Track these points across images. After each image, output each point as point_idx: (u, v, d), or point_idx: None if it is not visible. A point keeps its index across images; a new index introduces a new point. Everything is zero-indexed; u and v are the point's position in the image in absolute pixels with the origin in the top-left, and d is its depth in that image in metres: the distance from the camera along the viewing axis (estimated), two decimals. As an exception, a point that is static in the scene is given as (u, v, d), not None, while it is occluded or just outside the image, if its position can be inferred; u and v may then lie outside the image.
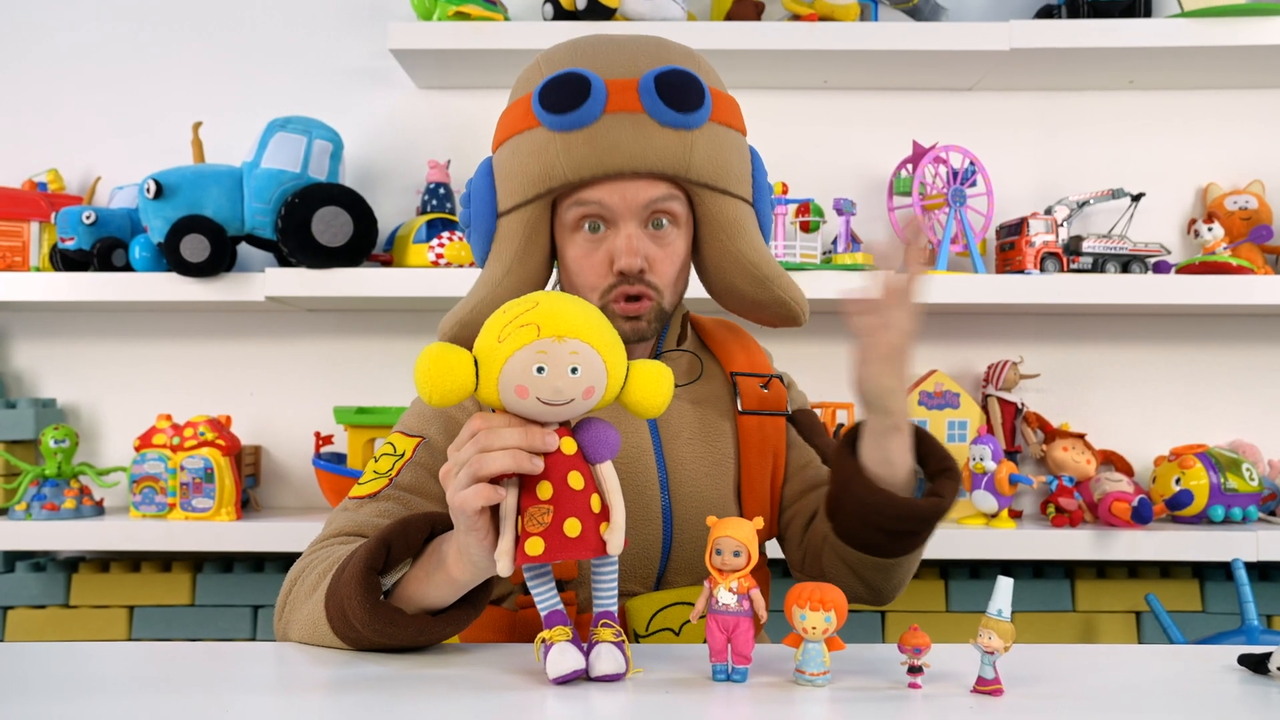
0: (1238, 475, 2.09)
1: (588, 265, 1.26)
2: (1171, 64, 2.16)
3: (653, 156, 1.21)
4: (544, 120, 1.22)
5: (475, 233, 1.30)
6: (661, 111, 1.20)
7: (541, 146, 1.22)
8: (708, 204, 1.26)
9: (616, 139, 1.20)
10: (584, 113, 1.20)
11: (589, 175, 1.21)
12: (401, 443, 1.27)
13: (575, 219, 1.25)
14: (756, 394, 1.37)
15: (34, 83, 2.31)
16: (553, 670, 0.97)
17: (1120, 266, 2.14)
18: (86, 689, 0.99)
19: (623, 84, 1.22)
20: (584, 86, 1.21)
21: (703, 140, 1.23)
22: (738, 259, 1.28)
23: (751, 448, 1.35)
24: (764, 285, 1.29)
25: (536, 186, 1.23)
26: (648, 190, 1.23)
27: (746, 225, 1.29)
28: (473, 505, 0.95)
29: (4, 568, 2.19)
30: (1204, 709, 0.95)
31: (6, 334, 2.32)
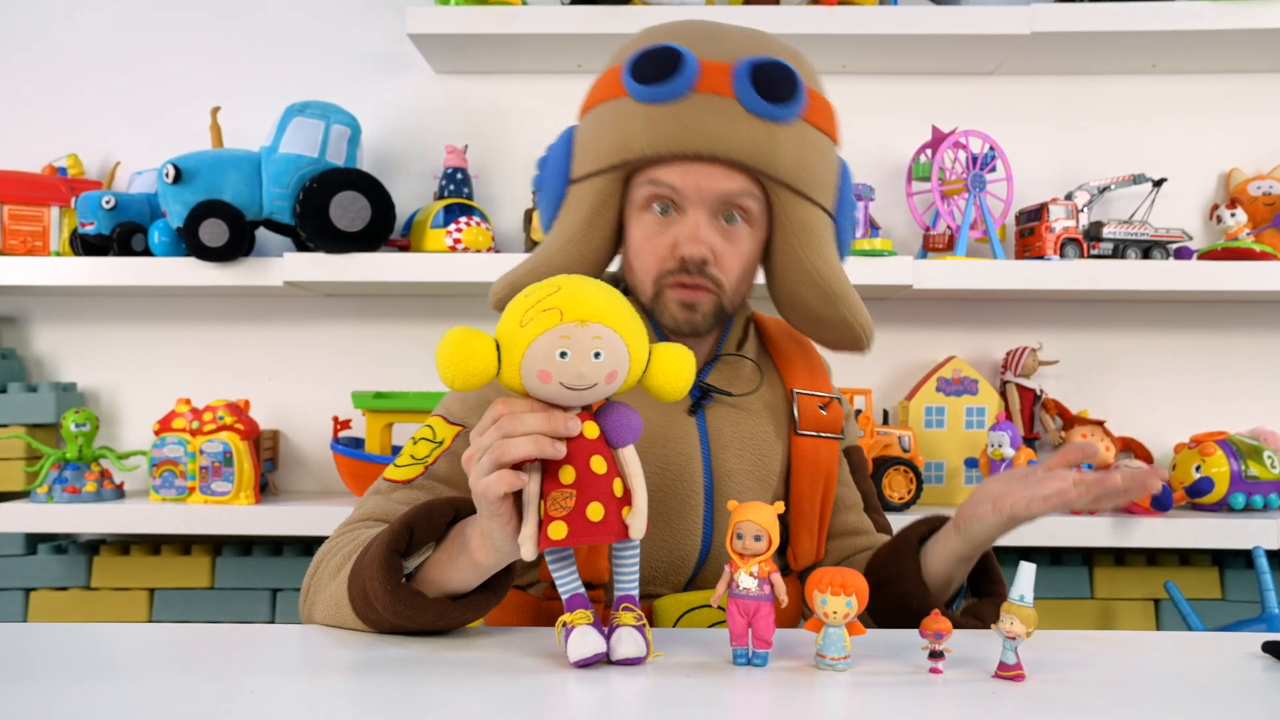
0: (1259, 463, 2.07)
1: (649, 248, 1.23)
2: (1194, 48, 2.14)
3: (736, 145, 1.17)
4: (631, 90, 1.19)
5: (544, 197, 1.27)
6: (752, 99, 1.16)
7: (624, 117, 1.19)
8: (785, 206, 1.22)
9: (701, 120, 1.17)
10: (672, 87, 1.17)
11: (666, 153, 1.18)
12: (442, 429, 1.22)
13: (645, 198, 1.21)
14: (815, 415, 1.33)
15: (54, 68, 2.32)
16: (574, 653, 0.97)
17: (1141, 252, 2.12)
18: (109, 670, 0.99)
19: (717, 66, 1.18)
20: (675, 61, 1.18)
21: (790, 137, 1.19)
22: (807, 270, 1.23)
23: (803, 470, 1.31)
24: (830, 302, 1.25)
25: (611, 157, 1.20)
26: (724, 181, 1.19)
27: (822, 235, 1.24)
28: (495, 491, 0.95)
29: (26, 550, 2.20)
30: (1229, 696, 0.95)
31: (27, 318, 2.33)
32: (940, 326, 2.29)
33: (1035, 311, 2.29)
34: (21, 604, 2.17)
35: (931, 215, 2.17)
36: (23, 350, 2.32)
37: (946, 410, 2.15)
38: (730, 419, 1.29)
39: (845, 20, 2.06)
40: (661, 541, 1.24)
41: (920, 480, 2.04)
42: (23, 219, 2.14)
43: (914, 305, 2.28)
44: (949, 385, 2.16)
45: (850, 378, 2.24)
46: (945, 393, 2.16)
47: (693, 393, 1.28)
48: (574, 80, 2.27)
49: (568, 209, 1.25)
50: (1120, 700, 0.92)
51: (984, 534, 1.19)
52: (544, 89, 2.30)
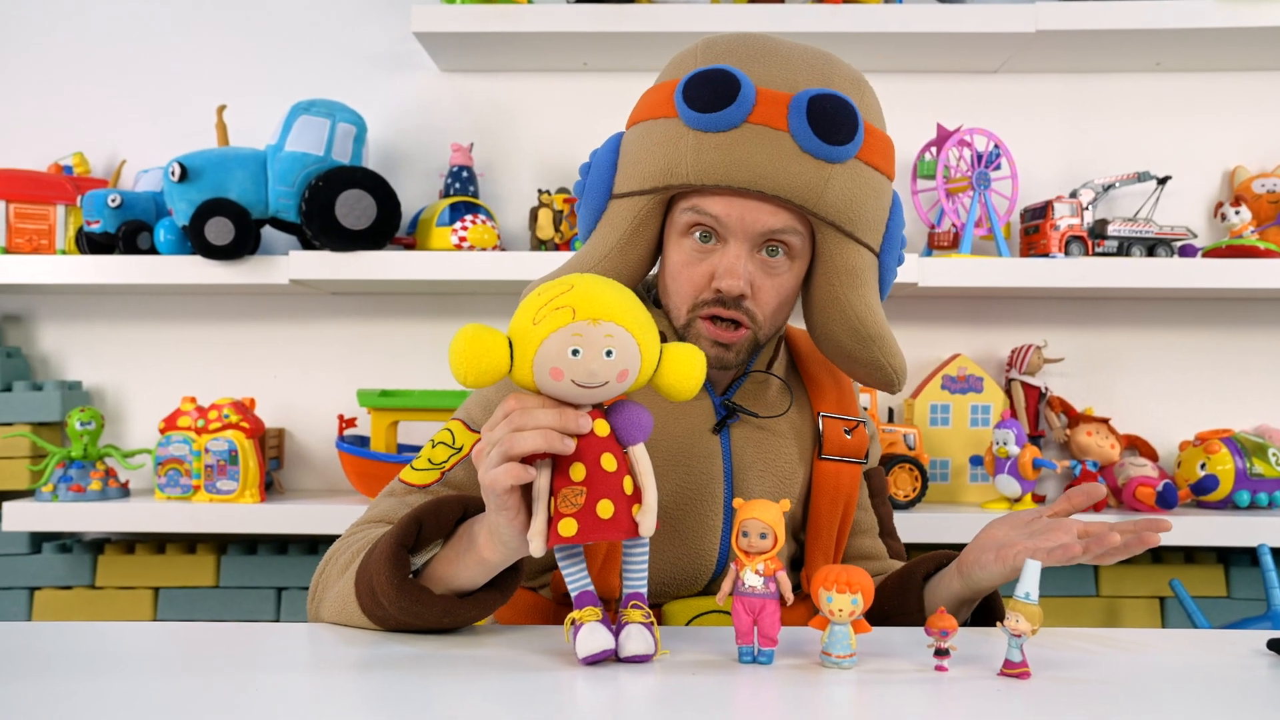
0: (1264, 460, 2.07)
1: (687, 275, 1.20)
2: (1199, 46, 2.14)
3: (784, 182, 1.13)
4: (682, 113, 1.15)
5: (585, 206, 1.25)
6: (806, 136, 1.13)
7: (673, 140, 1.16)
8: (830, 246, 1.19)
9: (751, 153, 1.13)
10: (725, 117, 1.13)
11: (712, 183, 1.14)
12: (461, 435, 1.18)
13: (687, 224, 1.19)
14: (839, 439, 1.31)
15: (59, 66, 2.32)
16: (582, 650, 0.97)
17: (1146, 250, 2.12)
18: (114, 668, 1.00)
19: (774, 96, 1.14)
20: (733, 89, 1.14)
21: (842, 176, 1.15)
22: (844, 310, 1.21)
23: (824, 494, 1.30)
24: (865, 344, 1.23)
25: (656, 180, 1.17)
26: (770, 217, 1.16)
27: (865, 277, 1.22)
28: (502, 484, 0.95)
29: (31, 549, 2.20)
30: (1234, 693, 0.95)
31: (33, 317, 2.33)
32: (945, 324, 2.29)
33: (1040, 309, 2.29)
34: (26, 603, 2.18)
35: (936, 213, 2.17)
36: (28, 349, 2.32)
37: (952, 408, 2.15)
38: (754, 440, 1.28)
39: (849, 18, 2.06)
40: (677, 557, 1.24)
41: (925, 478, 2.04)
42: (28, 217, 2.15)
43: (919, 303, 2.28)
44: (954, 383, 2.16)
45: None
46: (950, 390, 2.16)
47: (719, 411, 1.28)
48: (580, 79, 2.29)
49: (607, 223, 1.22)
50: (1125, 698, 0.92)
51: (986, 581, 1.17)
52: (550, 87, 2.30)
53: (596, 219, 1.24)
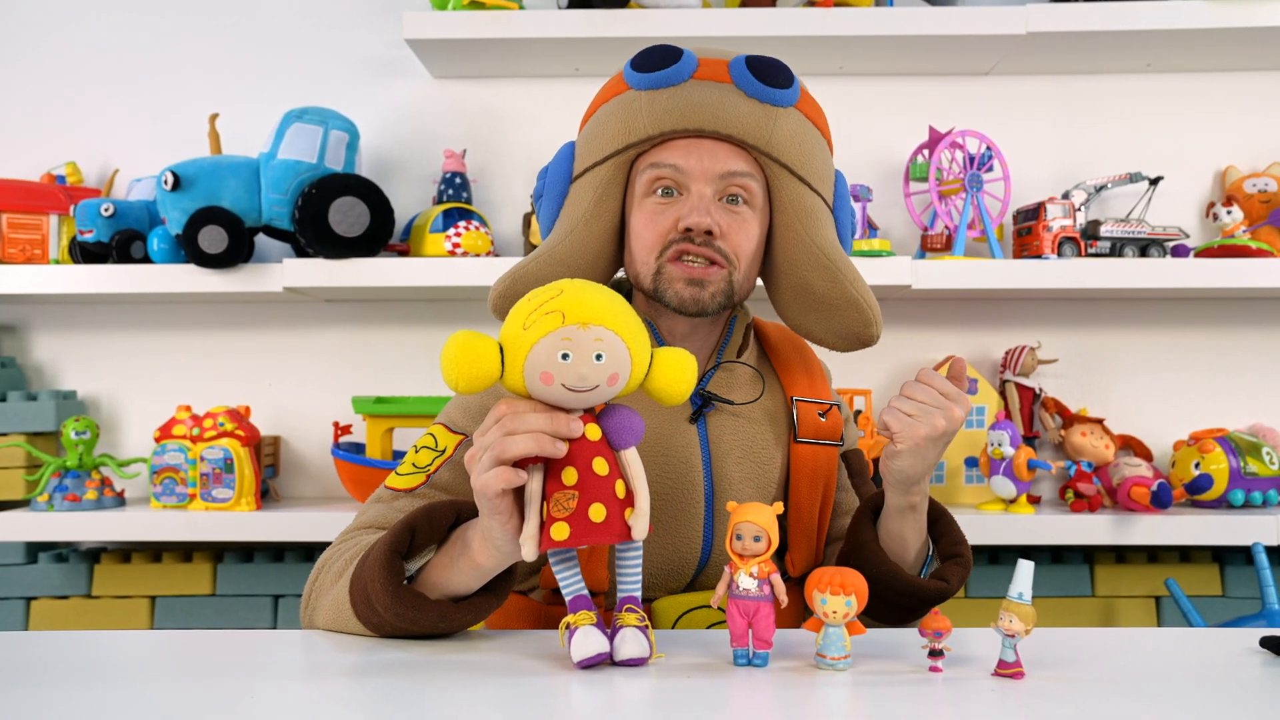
0: (1258, 459, 2.08)
1: (652, 226, 1.23)
2: (1189, 46, 2.15)
3: (735, 120, 1.20)
4: (631, 81, 1.23)
5: (546, 199, 1.28)
6: (749, 83, 1.20)
7: (625, 105, 1.22)
8: (785, 188, 1.23)
9: (702, 98, 1.20)
10: (672, 73, 1.21)
11: (669, 129, 1.20)
12: (444, 438, 1.21)
13: (649, 181, 1.23)
14: (814, 422, 1.33)
15: (51, 76, 2.32)
16: (577, 654, 0.97)
17: (1138, 250, 2.13)
18: (111, 677, 1.00)
19: (714, 60, 1.23)
20: (676, 52, 1.22)
21: (787, 120, 1.22)
22: (811, 249, 1.24)
23: (802, 477, 1.31)
24: (837, 280, 1.24)
25: (615, 143, 1.23)
26: (726, 159, 1.21)
27: (824, 219, 1.26)
28: (493, 488, 0.95)
29: (27, 559, 2.20)
30: (1226, 691, 0.95)
31: (27, 327, 2.33)
32: (939, 326, 2.29)
33: (1033, 310, 2.30)
34: (22, 613, 2.18)
35: (929, 215, 2.18)
36: (22, 359, 2.32)
37: (946, 410, 2.15)
38: (731, 427, 1.29)
39: (841, 22, 2.06)
40: (661, 548, 1.24)
41: (920, 480, 2.04)
42: (22, 227, 2.15)
43: (913, 305, 2.28)
44: (948, 385, 2.16)
45: (851, 378, 2.25)
46: (944, 392, 2.16)
47: (694, 400, 1.28)
48: (572, 84, 2.29)
49: (570, 203, 1.26)
50: (1119, 696, 0.92)
51: (897, 472, 1.20)
52: (542, 93, 2.30)
53: (560, 204, 1.27)
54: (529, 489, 0.97)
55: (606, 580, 1.22)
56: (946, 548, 1.27)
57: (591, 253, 1.25)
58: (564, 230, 1.25)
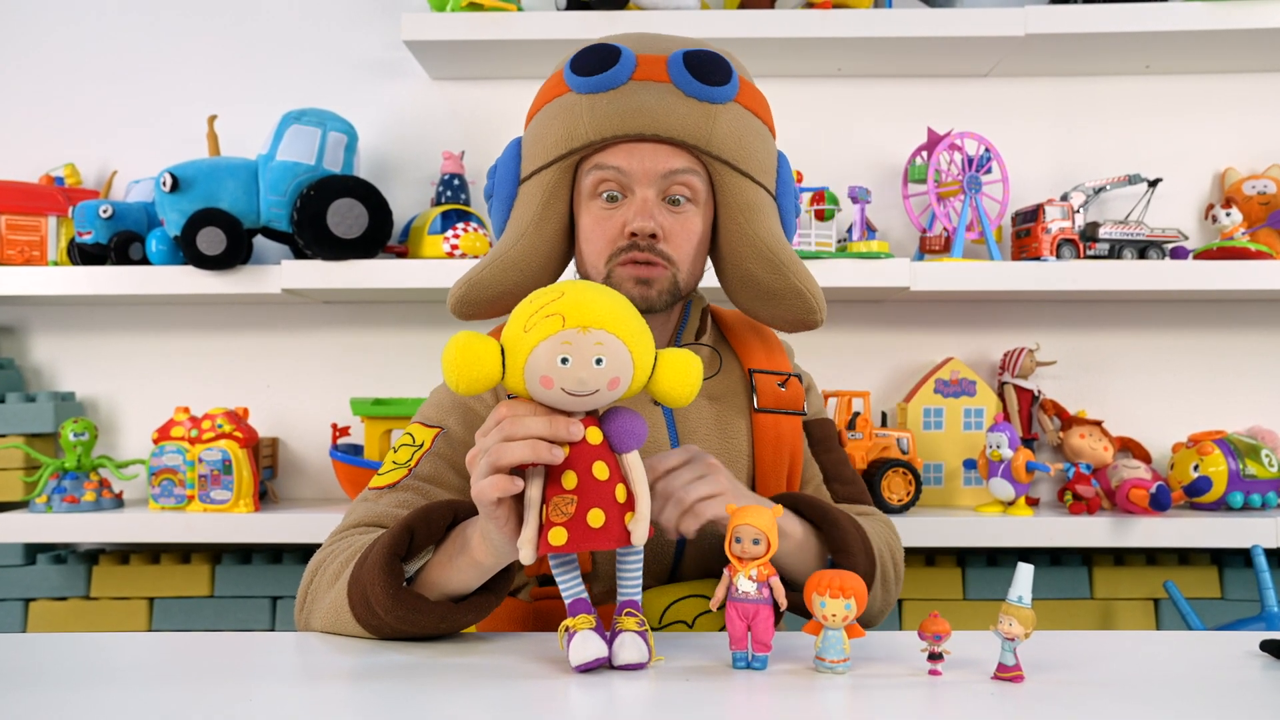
0: (1256, 461, 2.08)
1: (600, 232, 1.25)
2: (1188, 48, 2.15)
3: (675, 123, 1.21)
4: (571, 84, 1.24)
5: (496, 200, 1.30)
6: (687, 81, 1.22)
7: (567, 109, 1.24)
8: (727, 183, 1.26)
9: (641, 102, 1.21)
10: (611, 76, 1.22)
11: (610, 135, 1.22)
12: (420, 433, 1.25)
13: (593, 184, 1.25)
14: (773, 392, 1.35)
15: (49, 78, 2.32)
16: (575, 658, 0.97)
17: (1137, 252, 2.13)
18: (109, 678, 1.00)
19: (652, 58, 1.24)
20: (614, 53, 1.24)
21: (726, 116, 1.23)
22: (754, 242, 1.26)
23: (766, 446, 1.34)
24: (780, 272, 1.27)
25: (559, 148, 1.24)
26: (668, 159, 1.23)
27: (767, 211, 1.28)
28: (488, 496, 0.95)
29: (25, 560, 2.20)
30: (1226, 695, 0.95)
31: (25, 328, 2.33)
32: (938, 328, 2.29)
33: (1032, 312, 2.29)
34: (21, 614, 2.17)
35: (928, 217, 2.18)
36: (21, 360, 2.32)
37: (945, 412, 2.16)
38: (695, 406, 1.32)
39: (840, 23, 2.06)
40: None
41: (919, 482, 2.04)
42: (20, 229, 2.14)
43: (911, 307, 2.28)
44: (947, 387, 2.16)
45: (848, 380, 2.25)
46: (943, 394, 2.16)
47: None
48: (570, 86, 2.28)
49: (519, 206, 1.28)
50: (1119, 700, 0.92)
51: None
52: (540, 95, 2.30)
53: (509, 206, 1.29)
54: (528, 494, 0.97)
55: (591, 562, 1.24)
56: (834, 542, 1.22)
57: (542, 255, 1.27)
58: (515, 234, 1.27)
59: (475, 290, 1.27)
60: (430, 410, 1.32)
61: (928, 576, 2.14)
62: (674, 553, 1.27)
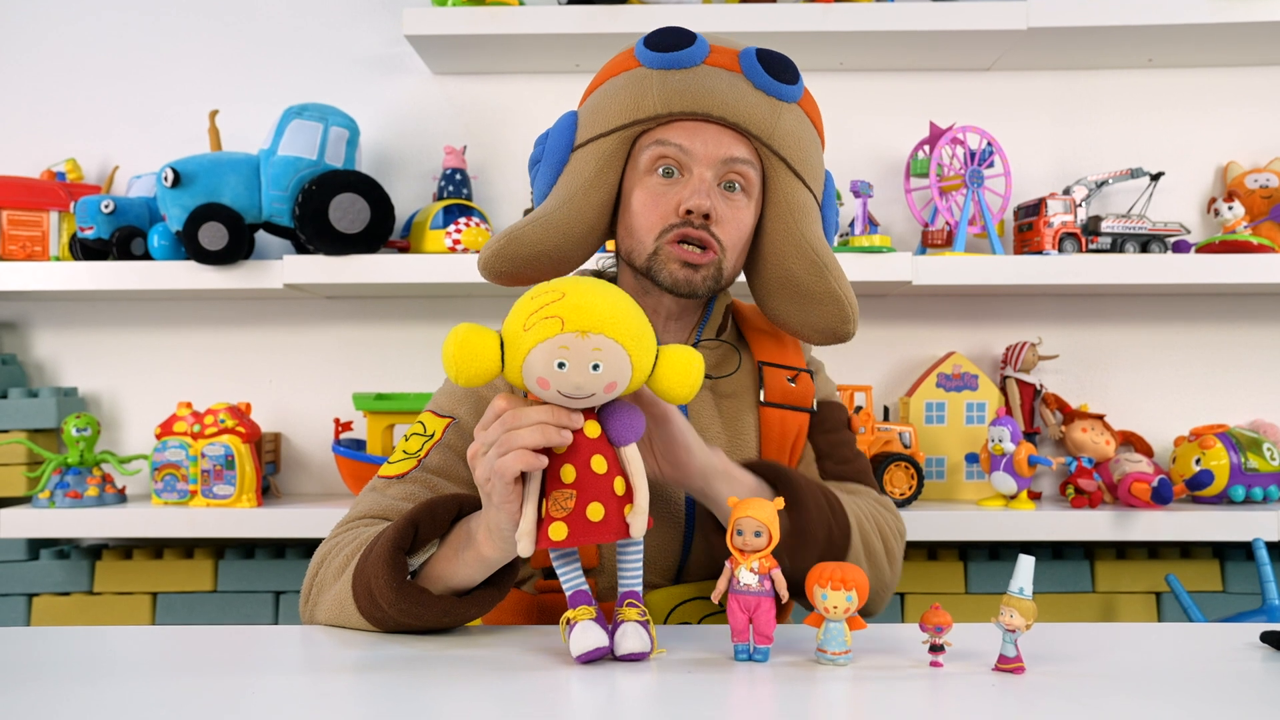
0: (1258, 455, 2.08)
1: (653, 207, 1.25)
2: (1191, 41, 2.15)
3: (743, 111, 1.22)
4: (644, 59, 1.25)
5: (545, 166, 1.29)
6: (758, 74, 1.23)
7: (636, 82, 1.24)
8: (782, 182, 1.26)
9: (712, 84, 1.22)
10: (685, 55, 1.23)
11: (678, 110, 1.22)
12: (432, 423, 1.26)
13: (651, 159, 1.24)
14: (782, 386, 1.34)
15: (51, 73, 2.32)
16: (576, 647, 0.97)
17: (1139, 246, 2.13)
18: (112, 673, 1.00)
19: (725, 49, 1.25)
20: (690, 35, 1.25)
21: (790, 116, 1.25)
22: (799, 242, 1.26)
23: (771, 441, 1.33)
24: (822, 275, 1.26)
25: (622, 117, 1.24)
26: (730, 145, 1.24)
27: (814, 215, 1.29)
28: (512, 470, 0.95)
29: (28, 555, 2.20)
30: (1226, 686, 0.95)
31: (27, 324, 2.33)
32: (940, 322, 2.29)
33: (1034, 306, 2.29)
34: (24, 609, 2.18)
35: (930, 211, 2.18)
36: (23, 355, 2.32)
37: (947, 406, 2.16)
38: (709, 402, 1.32)
39: (842, 17, 2.06)
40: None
41: (921, 476, 2.05)
42: (22, 224, 2.15)
43: (913, 301, 2.28)
44: (949, 381, 2.16)
45: (851, 374, 2.25)
46: (945, 388, 2.16)
47: None
48: (572, 80, 2.29)
49: (570, 172, 1.27)
50: (1119, 691, 0.92)
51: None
52: (542, 89, 2.30)
53: (558, 172, 1.28)
54: (526, 486, 0.97)
55: (597, 556, 1.23)
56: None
57: (588, 222, 1.26)
58: (563, 197, 1.26)
59: (514, 245, 1.24)
60: (443, 399, 1.31)
61: (930, 570, 2.14)
62: (680, 552, 1.27)
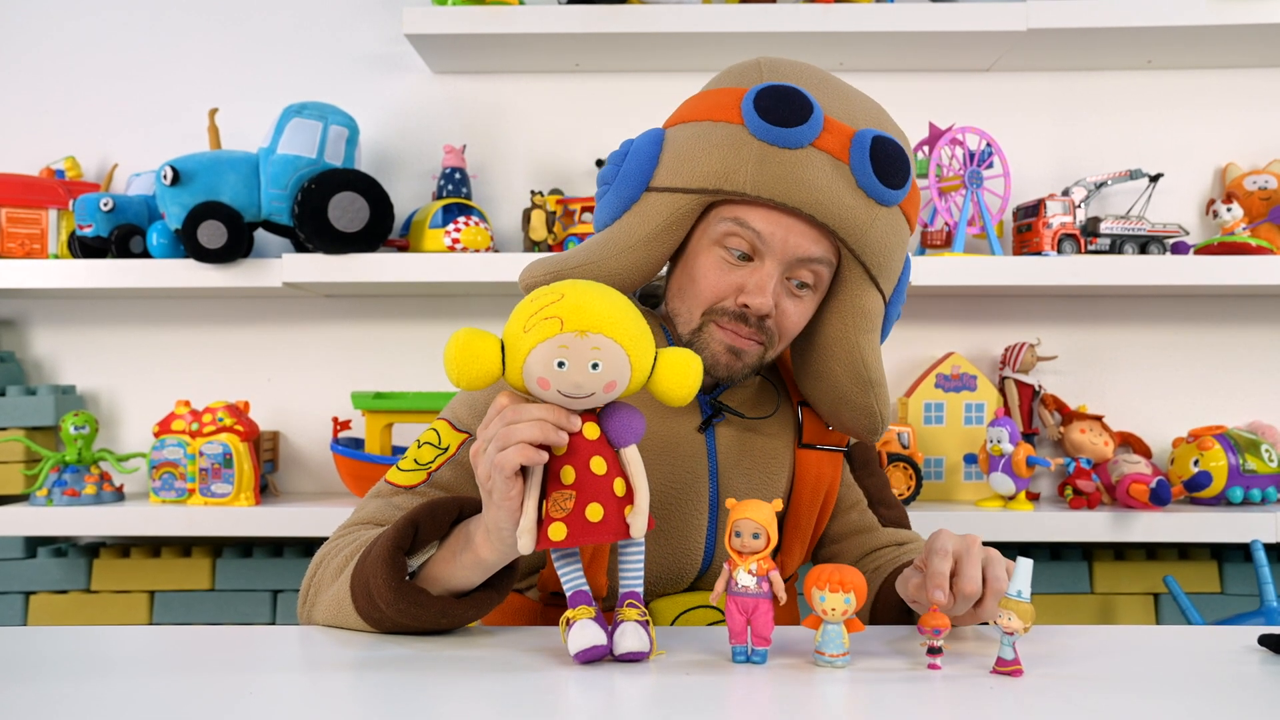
0: (1256, 456, 2.08)
1: (713, 282, 1.19)
2: (1190, 43, 2.15)
3: (836, 212, 1.14)
4: (750, 122, 1.15)
5: (614, 192, 1.22)
6: (865, 174, 1.15)
7: (735, 146, 1.15)
8: (853, 285, 1.20)
9: (813, 177, 1.13)
10: (795, 134, 1.14)
11: (768, 197, 1.14)
12: (448, 435, 1.22)
13: (724, 233, 1.18)
14: (819, 428, 1.32)
15: (51, 71, 2.32)
16: (574, 645, 0.97)
17: (1138, 248, 2.13)
18: (109, 671, 1.00)
19: (840, 127, 1.16)
20: (806, 109, 1.15)
21: (885, 220, 1.18)
22: (852, 352, 1.22)
23: (806, 483, 1.31)
24: (865, 390, 1.22)
25: (708, 181, 1.16)
26: (811, 244, 1.17)
27: (876, 323, 1.23)
28: (511, 464, 0.95)
29: (26, 553, 2.20)
30: (1224, 689, 0.95)
31: (26, 321, 2.33)
32: (938, 323, 2.29)
33: (1033, 307, 2.29)
34: (21, 607, 2.18)
35: (929, 212, 2.18)
36: (21, 353, 2.32)
37: (945, 406, 2.16)
38: (740, 439, 1.29)
39: (841, 18, 2.06)
40: (662, 556, 1.24)
41: (920, 476, 2.05)
42: (21, 222, 2.15)
43: (912, 302, 2.28)
44: (948, 381, 2.16)
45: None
46: (944, 389, 2.16)
47: (704, 410, 1.28)
48: (572, 80, 2.29)
49: (639, 214, 1.20)
50: (1117, 694, 0.92)
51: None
52: (542, 88, 2.30)
53: (625, 207, 1.21)
54: (527, 483, 0.97)
55: (605, 586, 1.22)
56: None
57: (639, 275, 1.20)
58: (621, 245, 1.19)
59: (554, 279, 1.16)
60: (462, 411, 1.25)
61: (928, 571, 2.14)
62: (697, 570, 1.27)
